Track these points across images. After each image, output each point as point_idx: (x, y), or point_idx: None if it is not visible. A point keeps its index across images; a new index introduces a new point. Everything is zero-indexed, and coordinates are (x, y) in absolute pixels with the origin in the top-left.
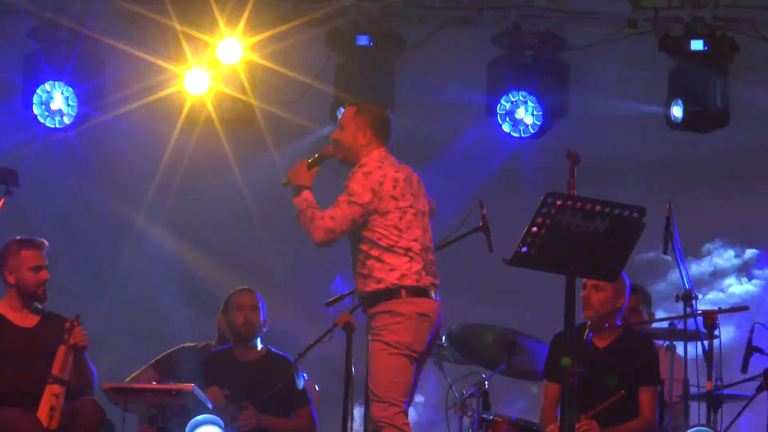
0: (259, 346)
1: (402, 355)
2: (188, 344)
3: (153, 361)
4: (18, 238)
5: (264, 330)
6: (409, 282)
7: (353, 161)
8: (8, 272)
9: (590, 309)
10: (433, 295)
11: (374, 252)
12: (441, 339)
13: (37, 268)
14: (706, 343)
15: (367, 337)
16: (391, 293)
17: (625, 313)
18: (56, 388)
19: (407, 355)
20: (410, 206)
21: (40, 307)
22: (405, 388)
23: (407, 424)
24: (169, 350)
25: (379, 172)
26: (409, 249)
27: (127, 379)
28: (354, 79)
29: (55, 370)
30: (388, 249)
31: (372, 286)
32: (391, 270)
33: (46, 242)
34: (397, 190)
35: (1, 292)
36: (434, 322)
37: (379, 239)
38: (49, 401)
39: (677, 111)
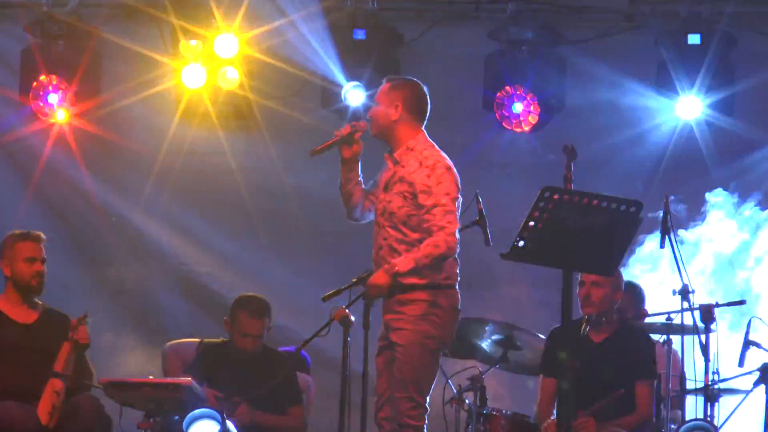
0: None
1: (435, 350)
2: (207, 340)
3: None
4: (17, 231)
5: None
6: (450, 282)
7: (388, 137)
8: (5, 265)
9: (591, 306)
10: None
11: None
12: None
13: (32, 260)
14: (702, 337)
15: (387, 323)
16: (432, 285)
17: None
18: (58, 385)
19: (438, 350)
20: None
21: (39, 302)
22: (431, 385)
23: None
24: (202, 340)
25: (453, 168)
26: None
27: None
28: (351, 73)
29: (58, 366)
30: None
31: (412, 280)
32: (439, 269)
33: (43, 235)
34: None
35: (1, 288)
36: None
37: (429, 229)
38: (51, 399)
39: (692, 111)
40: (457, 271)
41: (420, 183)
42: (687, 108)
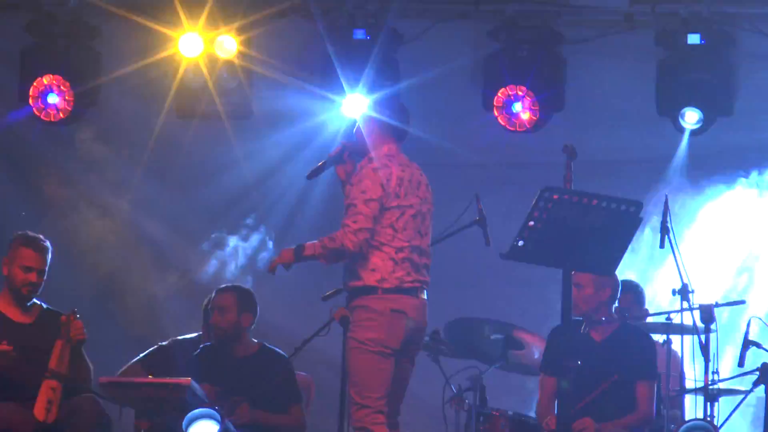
0: (253, 341)
1: (374, 352)
2: (181, 337)
3: (141, 356)
4: (28, 234)
5: (247, 326)
6: (387, 285)
7: (363, 153)
8: (5, 264)
9: (576, 308)
10: (417, 293)
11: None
12: (440, 335)
13: (28, 269)
14: (702, 337)
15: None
16: (367, 290)
17: (617, 312)
18: (53, 382)
19: (379, 352)
20: (410, 206)
21: (37, 303)
22: (378, 386)
23: (380, 424)
24: (159, 345)
25: (386, 170)
26: (399, 249)
27: (117, 374)
28: (353, 74)
29: (52, 364)
30: (378, 247)
31: (352, 282)
32: (372, 270)
33: (49, 246)
34: (402, 189)
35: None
36: (411, 319)
37: (372, 236)
38: (46, 395)
39: (692, 116)
40: (401, 274)
41: (348, 188)
42: (687, 111)
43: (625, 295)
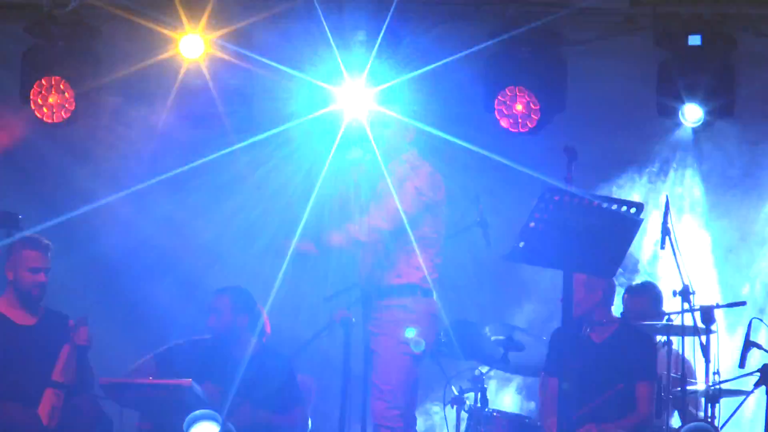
0: (254, 341)
1: (411, 354)
2: (197, 337)
3: (156, 352)
4: (27, 236)
5: (243, 327)
6: (426, 285)
7: (390, 158)
8: (9, 269)
9: None
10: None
11: (408, 247)
12: (441, 337)
13: (36, 270)
14: (703, 338)
15: (370, 329)
16: (408, 289)
17: (632, 315)
18: (57, 389)
19: (413, 354)
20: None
21: (40, 305)
22: (411, 388)
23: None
24: (174, 343)
25: (438, 174)
26: (439, 251)
27: (131, 368)
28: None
29: (57, 371)
30: (424, 248)
31: (393, 280)
32: (416, 268)
33: (50, 244)
34: (445, 192)
35: (1, 290)
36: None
37: (423, 237)
38: (50, 401)
39: (694, 112)
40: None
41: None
42: (688, 111)
43: (639, 298)
